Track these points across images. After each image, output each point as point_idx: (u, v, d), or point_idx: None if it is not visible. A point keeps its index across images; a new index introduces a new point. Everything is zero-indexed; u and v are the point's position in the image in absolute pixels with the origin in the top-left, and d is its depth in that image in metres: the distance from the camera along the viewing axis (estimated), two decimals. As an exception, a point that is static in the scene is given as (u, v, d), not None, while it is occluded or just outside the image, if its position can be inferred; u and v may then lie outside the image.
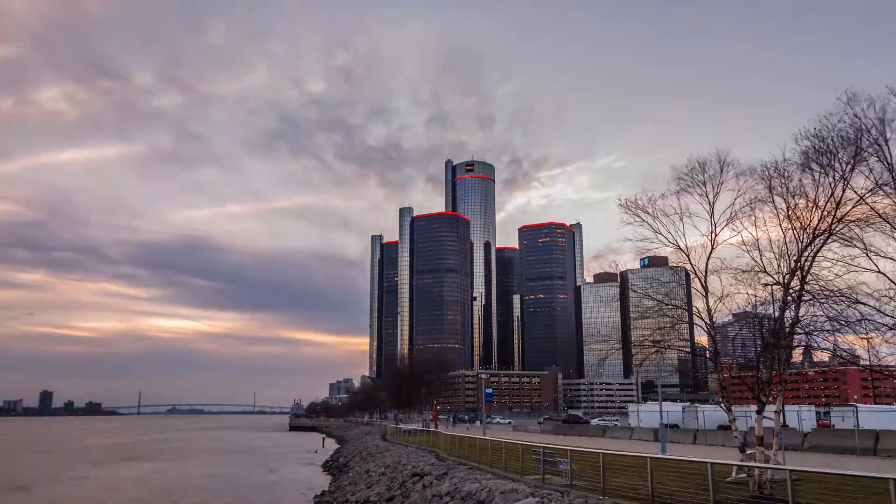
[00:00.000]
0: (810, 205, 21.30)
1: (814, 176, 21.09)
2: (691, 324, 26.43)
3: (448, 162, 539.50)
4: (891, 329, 19.22)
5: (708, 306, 24.03)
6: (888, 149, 18.95)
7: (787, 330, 22.12)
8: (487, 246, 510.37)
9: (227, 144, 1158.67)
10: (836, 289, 20.48)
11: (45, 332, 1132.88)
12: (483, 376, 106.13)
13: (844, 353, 21.79)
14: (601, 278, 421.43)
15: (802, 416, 58.13)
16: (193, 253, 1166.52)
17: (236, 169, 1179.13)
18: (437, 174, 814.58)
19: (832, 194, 20.55)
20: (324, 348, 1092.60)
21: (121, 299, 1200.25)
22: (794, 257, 21.78)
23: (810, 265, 21.35)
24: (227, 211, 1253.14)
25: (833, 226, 20.48)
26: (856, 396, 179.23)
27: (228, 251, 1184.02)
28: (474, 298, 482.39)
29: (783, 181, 21.97)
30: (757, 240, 23.05)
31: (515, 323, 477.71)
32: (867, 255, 19.27)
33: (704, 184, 23.84)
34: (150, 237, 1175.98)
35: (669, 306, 25.56)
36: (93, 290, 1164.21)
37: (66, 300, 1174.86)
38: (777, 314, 22.72)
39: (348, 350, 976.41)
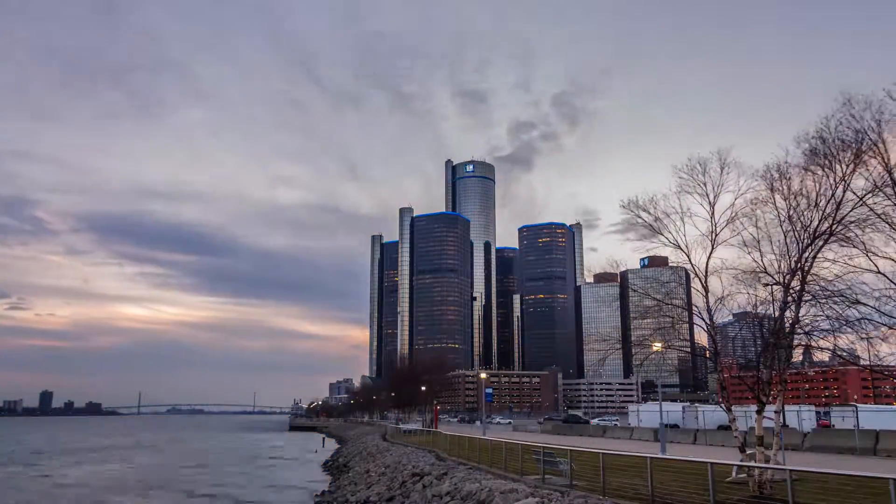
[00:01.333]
0: (811, 205, 21.33)
1: (815, 177, 21.14)
2: (691, 324, 26.41)
3: (448, 162, 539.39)
4: (891, 329, 19.25)
5: (708, 306, 24.04)
6: (887, 151, 19.01)
7: (787, 330, 22.14)
8: (487, 246, 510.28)
9: (177, 41, 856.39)
10: (836, 289, 20.52)
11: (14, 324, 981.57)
12: (483, 376, 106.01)
13: (844, 353, 21.83)
14: (601, 278, 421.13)
15: (802, 416, 58.04)
16: (155, 211, 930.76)
17: (193, 76, 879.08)
18: (470, 87, 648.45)
19: (833, 195, 20.59)
20: (323, 342, 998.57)
21: (77, 282, 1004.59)
22: (795, 258, 21.80)
23: (810, 265, 21.38)
24: (194, 146, 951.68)
25: (833, 226, 20.52)
26: (856, 396, 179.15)
27: (201, 202, 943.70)
28: (474, 298, 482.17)
29: (784, 182, 22.02)
30: (758, 240, 23.08)
31: (515, 323, 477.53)
32: (867, 255, 19.32)
33: (705, 184, 23.86)
34: (95, 184, 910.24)
35: (670, 306, 25.57)
36: (42, 265, 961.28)
37: (16, 282, 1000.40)
38: (777, 314, 22.74)
39: (348, 342, 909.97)
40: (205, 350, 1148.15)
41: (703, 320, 24.39)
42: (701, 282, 24.19)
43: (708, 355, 25.94)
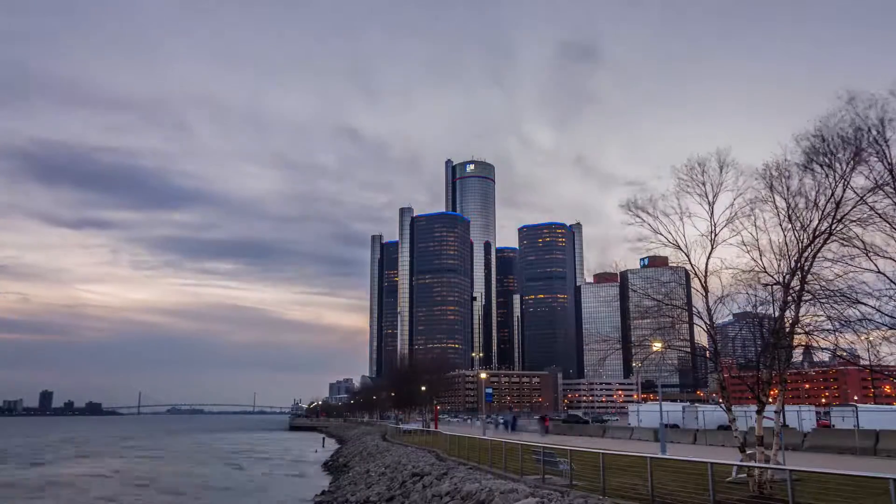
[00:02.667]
0: (810, 205, 21.29)
1: (814, 176, 21.09)
2: (691, 324, 26.37)
3: (448, 162, 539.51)
4: (891, 329, 19.22)
5: (708, 306, 24.00)
6: (888, 149, 18.96)
7: (787, 330, 22.10)
8: (487, 246, 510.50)
9: None
10: (836, 289, 20.48)
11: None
12: (483, 376, 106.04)
13: (845, 353, 21.79)
14: (601, 278, 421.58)
15: (802, 416, 57.98)
16: (84, 143, 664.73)
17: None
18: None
19: (832, 194, 20.54)
20: (321, 334, 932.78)
21: (11, 257, 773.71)
22: (795, 257, 21.75)
23: (810, 265, 21.33)
24: (164, 47, 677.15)
25: (833, 226, 20.47)
26: (856, 396, 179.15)
27: (154, 127, 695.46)
28: (474, 298, 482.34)
29: (784, 181, 21.96)
30: (757, 240, 23.04)
31: (515, 323, 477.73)
32: (867, 255, 19.27)
33: (704, 184, 23.81)
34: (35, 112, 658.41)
35: (669, 306, 25.53)
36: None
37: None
38: (777, 314, 22.70)
39: (348, 331, 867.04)
40: (194, 346, 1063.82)
41: (703, 320, 24.36)
42: (701, 282, 24.15)
43: (708, 355, 25.90)
